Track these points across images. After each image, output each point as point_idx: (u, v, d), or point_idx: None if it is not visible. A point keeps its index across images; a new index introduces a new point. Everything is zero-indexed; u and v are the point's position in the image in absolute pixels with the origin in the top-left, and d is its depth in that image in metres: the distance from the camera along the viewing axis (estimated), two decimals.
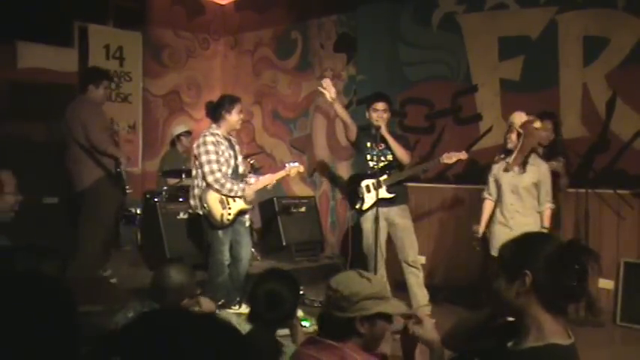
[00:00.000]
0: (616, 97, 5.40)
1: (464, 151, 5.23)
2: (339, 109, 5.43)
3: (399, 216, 5.32)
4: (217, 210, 4.89)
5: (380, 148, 5.27)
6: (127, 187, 5.37)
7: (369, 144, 5.31)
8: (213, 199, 4.89)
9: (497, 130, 6.04)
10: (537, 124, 4.72)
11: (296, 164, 5.25)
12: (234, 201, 4.95)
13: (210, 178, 4.86)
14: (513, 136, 4.68)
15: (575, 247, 1.87)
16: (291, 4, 7.80)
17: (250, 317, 2.86)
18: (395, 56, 6.74)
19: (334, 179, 7.46)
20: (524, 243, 1.94)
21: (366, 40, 7.03)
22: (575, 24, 5.61)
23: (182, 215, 6.16)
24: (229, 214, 4.92)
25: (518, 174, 4.69)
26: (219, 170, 4.88)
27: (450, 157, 5.18)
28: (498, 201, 4.82)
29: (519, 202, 4.69)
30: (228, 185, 4.89)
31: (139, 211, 6.73)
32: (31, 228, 3.06)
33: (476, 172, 6.11)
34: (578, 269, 1.82)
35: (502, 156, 4.87)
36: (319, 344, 2.11)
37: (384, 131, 5.17)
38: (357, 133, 5.40)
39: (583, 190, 5.26)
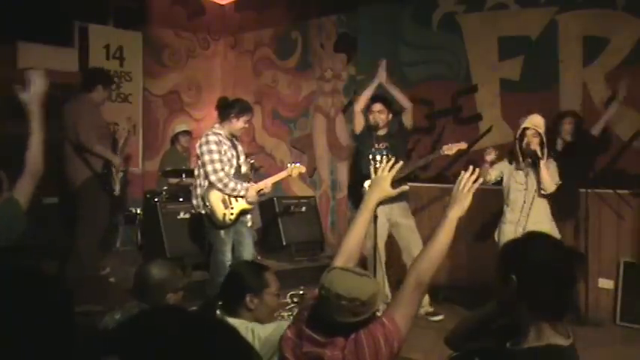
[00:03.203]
0: (616, 97, 5.39)
1: (463, 142, 5.22)
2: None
3: (402, 216, 5.33)
4: (220, 209, 4.88)
5: (380, 147, 5.29)
6: (116, 188, 5.34)
7: (370, 143, 5.34)
8: (215, 199, 4.88)
9: (497, 130, 6.04)
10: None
11: (298, 164, 5.25)
12: (237, 201, 4.94)
13: (213, 178, 4.86)
14: (537, 139, 4.63)
15: (564, 255, 1.85)
16: (291, 4, 7.80)
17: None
18: (395, 56, 6.74)
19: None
20: (515, 247, 1.93)
21: (366, 40, 7.03)
22: (575, 24, 5.61)
23: (182, 215, 6.16)
24: (232, 213, 4.91)
25: (530, 174, 4.70)
26: (222, 170, 4.87)
27: (451, 149, 5.17)
28: (508, 200, 4.83)
29: (529, 202, 4.68)
30: (232, 184, 4.89)
31: (139, 211, 6.74)
32: (31, 228, 3.05)
33: None
34: (563, 279, 1.81)
35: (529, 161, 4.72)
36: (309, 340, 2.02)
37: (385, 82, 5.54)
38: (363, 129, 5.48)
39: (583, 190, 5.25)
